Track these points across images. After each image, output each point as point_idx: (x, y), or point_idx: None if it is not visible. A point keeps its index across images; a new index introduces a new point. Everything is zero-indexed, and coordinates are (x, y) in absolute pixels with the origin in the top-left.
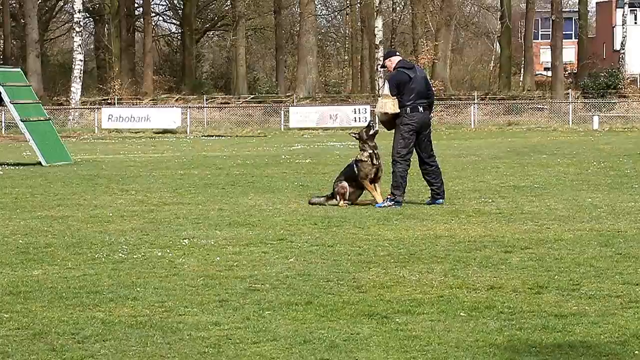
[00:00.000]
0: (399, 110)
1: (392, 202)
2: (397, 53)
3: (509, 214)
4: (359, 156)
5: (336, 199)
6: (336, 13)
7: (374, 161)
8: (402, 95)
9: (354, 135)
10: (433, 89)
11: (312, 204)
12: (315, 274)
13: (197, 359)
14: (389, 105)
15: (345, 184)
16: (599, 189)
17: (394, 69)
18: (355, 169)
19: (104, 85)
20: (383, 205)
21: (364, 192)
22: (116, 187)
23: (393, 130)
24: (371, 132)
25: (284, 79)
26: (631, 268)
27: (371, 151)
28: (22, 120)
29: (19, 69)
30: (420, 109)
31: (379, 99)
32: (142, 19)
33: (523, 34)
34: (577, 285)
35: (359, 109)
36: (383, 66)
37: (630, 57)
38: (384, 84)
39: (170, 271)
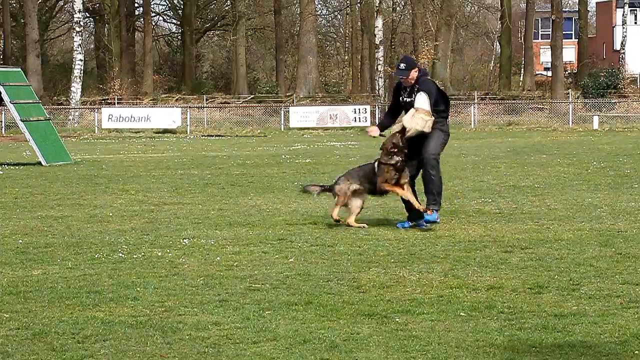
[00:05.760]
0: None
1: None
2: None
3: (509, 214)
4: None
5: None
6: (336, 13)
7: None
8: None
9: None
10: None
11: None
12: (315, 274)
13: (197, 359)
14: (429, 124)
15: None
16: (599, 189)
17: (421, 77)
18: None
19: (104, 85)
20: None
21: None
22: (116, 187)
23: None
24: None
25: (284, 79)
26: (631, 268)
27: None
28: (22, 120)
29: (19, 69)
30: None
31: (416, 114)
32: (142, 19)
33: (523, 34)
34: (577, 285)
35: (359, 109)
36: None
37: (631, 57)
38: (417, 96)
39: (170, 271)
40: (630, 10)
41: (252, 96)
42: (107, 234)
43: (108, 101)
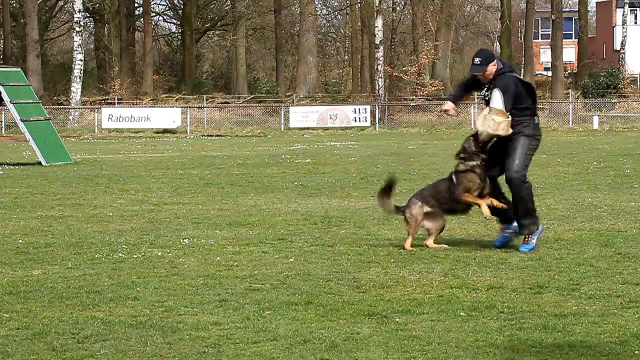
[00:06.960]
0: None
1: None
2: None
3: None
4: None
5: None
6: (336, 13)
7: None
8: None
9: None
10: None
11: None
12: (315, 274)
13: (197, 359)
14: (504, 126)
15: None
16: (599, 189)
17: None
18: None
19: (104, 85)
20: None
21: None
22: (116, 187)
23: None
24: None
25: (284, 79)
26: (631, 268)
27: None
28: (22, 120)
29: (19, 69)
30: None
31: (488, 115)
32: (142, 19)
33: (523, 34)
34: (577, 285)
35: (359, 109)
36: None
37: (631, 57)
38: (492, 94)
39: (170, 271)
40: (630, 10)
41: (252, 96)
42: (107, 234)
43: (108, 101)
